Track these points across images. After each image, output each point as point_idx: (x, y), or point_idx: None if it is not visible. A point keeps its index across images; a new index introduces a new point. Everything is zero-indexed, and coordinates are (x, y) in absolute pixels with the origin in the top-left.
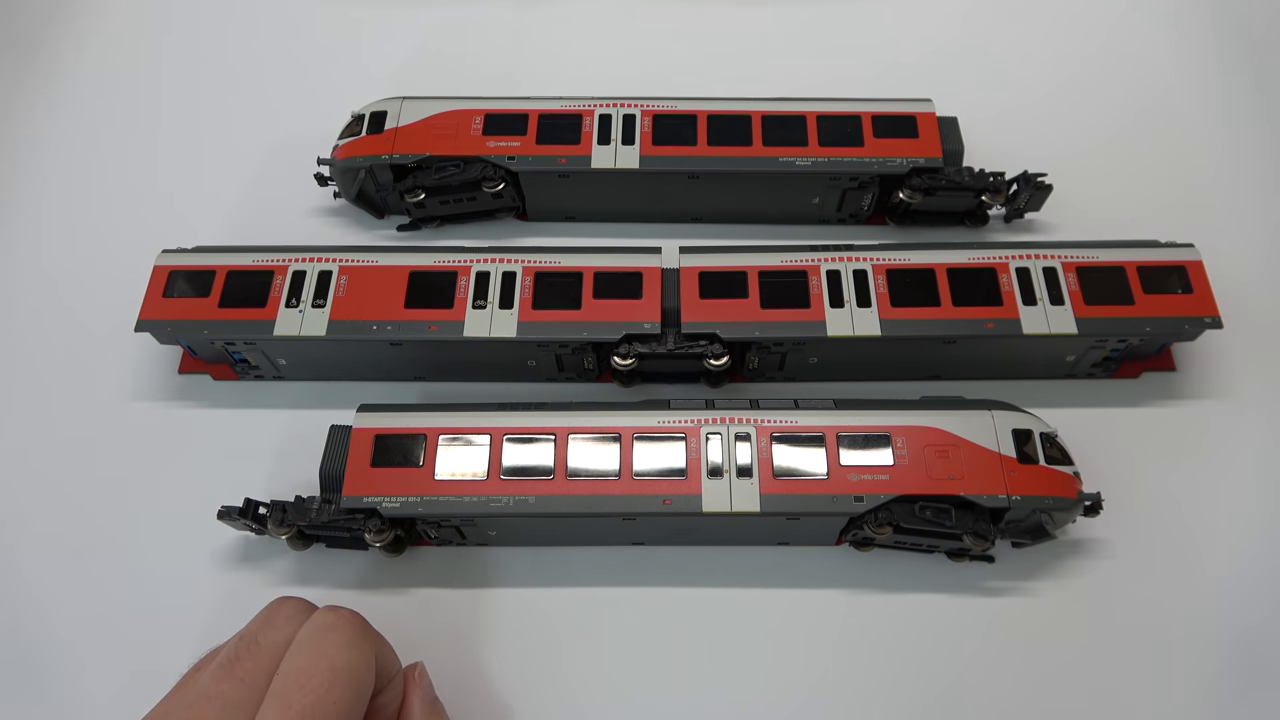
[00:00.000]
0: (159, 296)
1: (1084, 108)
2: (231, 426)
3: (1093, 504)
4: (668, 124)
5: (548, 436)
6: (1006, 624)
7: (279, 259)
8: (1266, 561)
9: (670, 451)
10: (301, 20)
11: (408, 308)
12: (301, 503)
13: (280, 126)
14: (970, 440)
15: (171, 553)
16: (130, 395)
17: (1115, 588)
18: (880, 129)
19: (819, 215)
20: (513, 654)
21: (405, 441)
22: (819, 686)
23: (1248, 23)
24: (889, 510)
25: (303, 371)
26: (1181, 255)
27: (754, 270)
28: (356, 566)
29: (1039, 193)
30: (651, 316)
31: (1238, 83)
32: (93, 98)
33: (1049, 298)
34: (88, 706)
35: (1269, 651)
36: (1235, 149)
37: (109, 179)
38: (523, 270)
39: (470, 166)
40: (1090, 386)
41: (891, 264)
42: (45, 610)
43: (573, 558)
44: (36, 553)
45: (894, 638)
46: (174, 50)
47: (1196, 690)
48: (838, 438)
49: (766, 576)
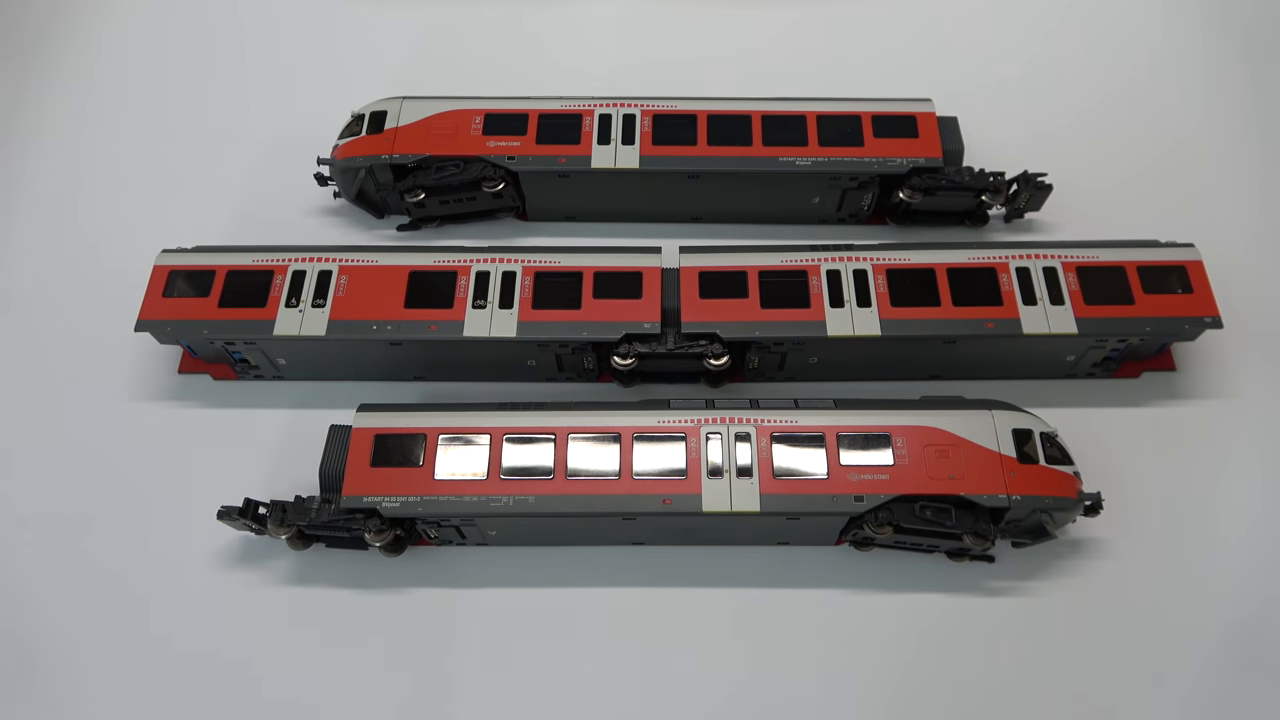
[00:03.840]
0: (159, 296)
1: (1084, 108)
2: (231, 426)
3: (1093, 504)
4: (668, 124)
5: (548, 436)
6: (1006, 624)
7: (279, 259)
8: (1266, 561)
9: (670, 451)
10: (301, 20)
11: (407, 308)
12: (301, 502)
13: (280, 126)
14: (970, 440)
15: (171, 552)
16: (130, 395)
17: (1115, 588)
18: (880, 129)
19: (819, 215)
20: (513, 654)
21: (405, 441)
22: (819, 686)
23: (1249, 23)
24: (889, 510)
25: (303, 371)
26: (1181, 255)
27: (754, 270)
28: (356, 566)
29: (1039, 193)
30: (651, 316)
31: (1239, 83)
32: (93, 97)
33: (1049, 297)
34: (87, 706)
35: (1269, 651)
36: (1236, 149)
37: (109, 179)
38: (522, 270)
39: (470, 166)
40: (1090, 386)
41: (891, 264)
42: (45, 610)
43: (573, 558)
44: (36, 552)
45: (894, 638)
46: (174, 50)
47: (1197, 690)
48: (838, 438)
49: (766, 576)
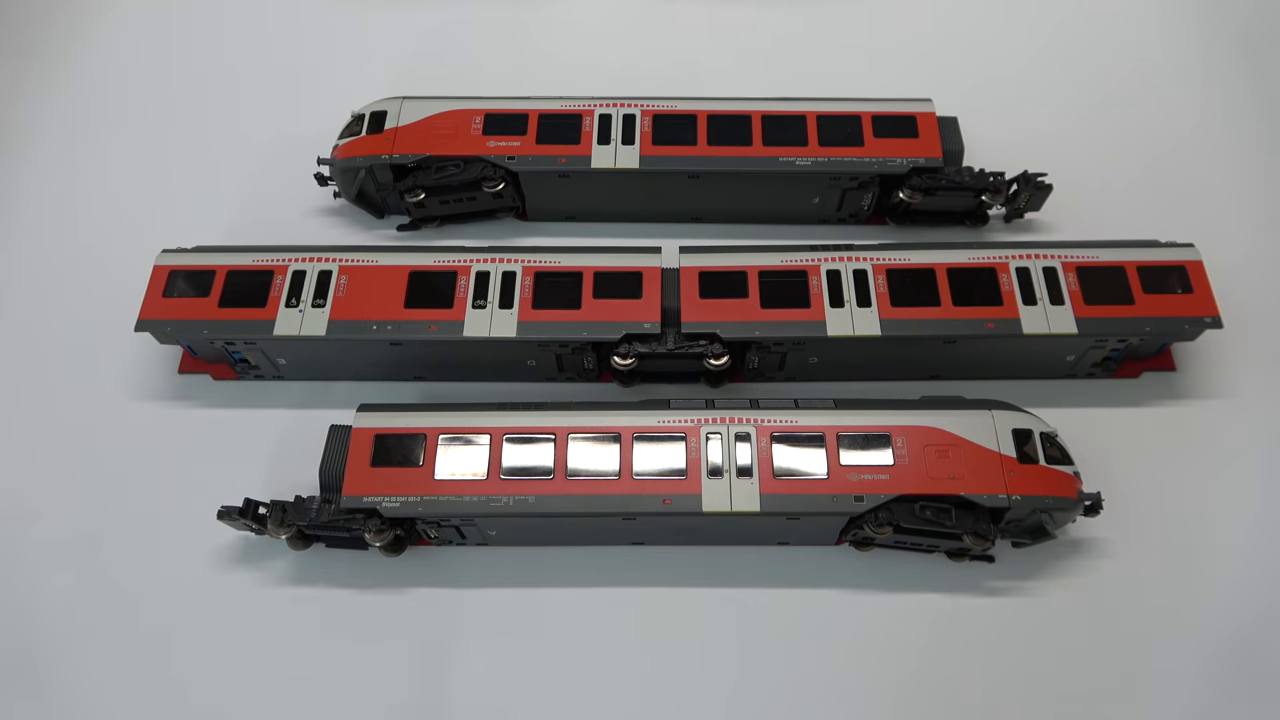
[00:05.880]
0: (159, 296)
1: (1085, 108)
2: (231, 426)
3: (1093, 504)
4: (668, 124)
5: (548, 436)
6: (1006, 624)
7: (279, 259)
8: (1266, 561)
9: (670, 451)
10: (301, 20)
11: (408, 308)
12: (301, 502)
13: (280, 126)
14: (970, 440)
15: (171, 552)
16: (130, 395)
17: (1115, 588)
18: (880, 129)
19: (819, 215)
20: (513, 654)
21: (405, 441)
22: (819, 686)
23: (1249, 23)
24: (889, 510)
25: (303, 371)
26: (1181, 255)
27: (754, 270)
28: (356, 566)
29: (1039, 193)
30: (651, 316)
31: (1239, 82)
32: (92, 97)
33: (1049, 297)
34: (86, 706)
35: (1269, 651)
36: (1236, 149)
37: (109, 178)
38: (522, 270)
39: (470, 166)
40: (1090, 386)
41: (891, 264)
42: (44, 610)
43: (572, 558)
44: (35, 552)
45: (894, 638)
46: (174, 50)
47: (1197, 690)
48: (838, 438)
49: (766, 576)
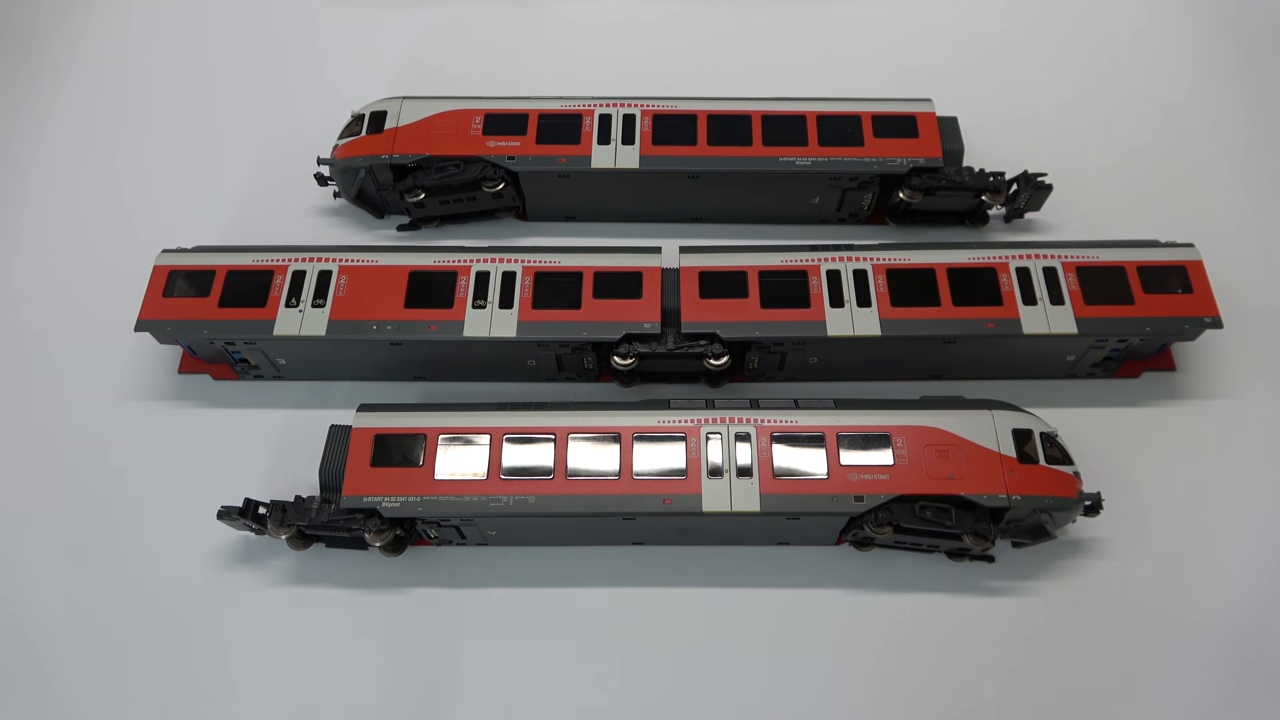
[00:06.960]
0: (159, 296)
1: (1084, 107)
2: (231, 426)
3: (1093, 504)
4: (668, 124)
5: (548, 436)
6: (1006, 624)
7: (279, 259)
8: (1266, 561)
9: (670, 451)
10: (301, 20)
11: (407, 308)
12: (301, 503)
13: (280, 126)
14: (970, 440)
15: (171, 552)
16: (130, 395)
17: (1115, 588)
18: (880, 129)
19: (819, 215)
20: (512, 654)
21: (405, 441)
22: (819, 686)
23: (1248, 23)
24: (889, 510)
25: (303, 371)
26: (1181, 255)
27: (754, 270)
28: (356, 566)
29: (1039, 193)
30: (651, 316)
31: (1238, 82)
32: (92, 97)
33: (1049, 297)
34: (86, 706)
35: (1270, 651)
36: (1236, 148)
37: (109, 178)
38: (522, 270)
39: (470, 166)
40: (1090, 386)
41: (891, 264)
42: (44, 610)
43: (572, 558)
44: (35, 552)
45: (894, 638)
46: (174, 50)
47: (1197, 690)
48: (838, 438)
49: (766, 576)
